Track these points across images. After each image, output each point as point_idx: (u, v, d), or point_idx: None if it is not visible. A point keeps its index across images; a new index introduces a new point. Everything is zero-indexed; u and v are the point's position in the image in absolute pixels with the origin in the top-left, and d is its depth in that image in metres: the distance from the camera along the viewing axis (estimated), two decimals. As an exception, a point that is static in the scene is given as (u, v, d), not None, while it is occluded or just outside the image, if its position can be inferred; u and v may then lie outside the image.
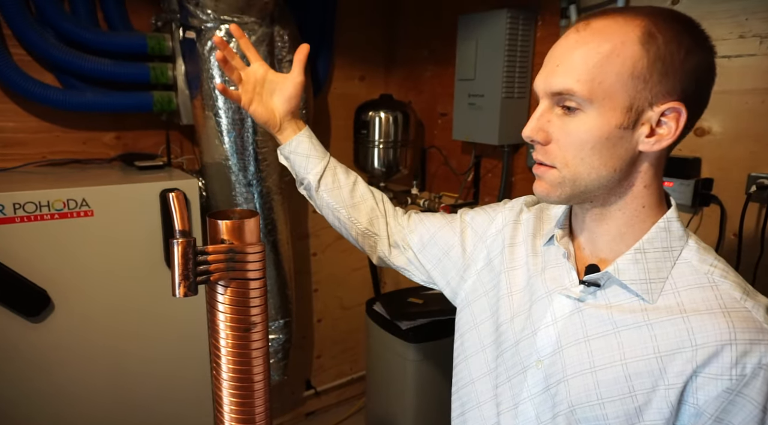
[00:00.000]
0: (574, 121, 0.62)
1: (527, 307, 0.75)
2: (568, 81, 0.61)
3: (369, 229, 0.96)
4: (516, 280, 0.79)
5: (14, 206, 1.34)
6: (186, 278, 0.68)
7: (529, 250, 0.79)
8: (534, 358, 0.71)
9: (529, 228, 0.81)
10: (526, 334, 0.73)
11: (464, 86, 1.84)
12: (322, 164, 0.95)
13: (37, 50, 1.62)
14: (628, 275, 0.64)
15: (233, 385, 0.76)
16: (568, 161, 0.63)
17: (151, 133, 1.93)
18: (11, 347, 1.39)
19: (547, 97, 0.64)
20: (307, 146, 0.95)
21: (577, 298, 0.69)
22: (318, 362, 2.57)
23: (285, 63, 1.82)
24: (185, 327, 1.64)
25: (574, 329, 0.68)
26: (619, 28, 0.60)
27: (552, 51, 0.65)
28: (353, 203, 0.96)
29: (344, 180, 0.96)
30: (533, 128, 0.65)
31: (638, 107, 0.60)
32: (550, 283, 0.73)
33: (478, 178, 2.04)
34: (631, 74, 0.59)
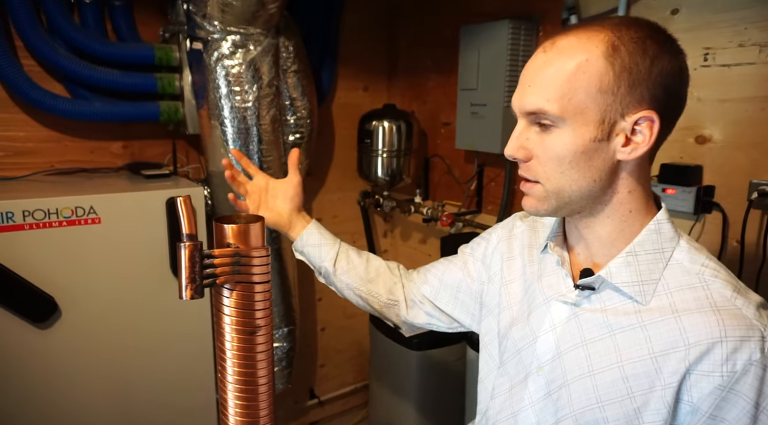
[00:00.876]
0: (550, 137, 0.64)
1: (526, 315, 0.76)
2: (539, 101, 0.63)
3: (390, 298, 0.99)
4: (514, 291, 0.81)
5: (23, 214, 1.36)
6: (193, 281, 0.69)
7: (526, 260, 0.81)
8: (535, 365, 0.72)
9: (524, 240, 0.83)
10: (527, 342, 0.74)
11: (467, 96, 1.86)
12: (335, 249, 0.99)
13: (48, 61, 1.65)
14: (621, 278, 0.65)
15: (238, 388, 0.76)
16: (549, 176, 0.65)
17: (158, 142, 1.95)
18: (18, 352, 1.40)
19: (523, 116, 0.66)
20: (317, 236, 1.00)
21: (573, 303, 0.70)
22: (322, 371, 2.57)
23: (290, 73, 1.84)
24: (190, 334, 1.65)
25: (571, 334, 0.69)
26: (582, 44, 0.62)
27: (524, 71, 0.67)
28: (370, 279, 0.99)
29: (357, 259, 1.00)
30: (513, 147, 0.67)
31: (610, 119, 0.62)
32: (548, 290, 0.74)
33: (481, 186, 2.05)
34: (599, 89, 0.61)
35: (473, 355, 1.54)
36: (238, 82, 1.60)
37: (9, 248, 1.35)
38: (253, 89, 1.62)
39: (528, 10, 1.76)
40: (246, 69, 1.59)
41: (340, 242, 1.02)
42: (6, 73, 1.59)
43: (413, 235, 2.47)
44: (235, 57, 1.58)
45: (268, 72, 1.64)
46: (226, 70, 1.59)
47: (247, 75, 1.60)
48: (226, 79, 1.59)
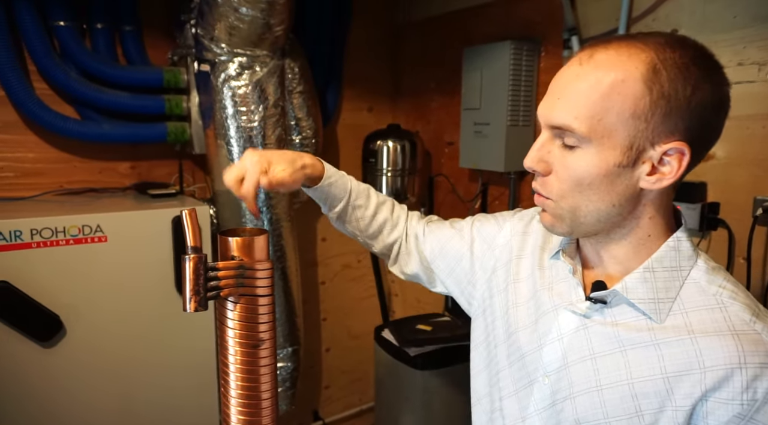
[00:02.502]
0: (572, 156, 0.62)
1: (533, 320, 0.75)
2: (567, 117, 0.60)
3: (388, 250, 0.97)
4: (521, 292, 0.79)
5: (31, 232, 1.37)
6: (197, 294, 0.69)
7: (536, 263, 0.79)
8: (541, 373, 0.71)
9: (538, 240, 0.81)
10: (532, 348, 0.73)
11: (470, 115, 1.88)
12: (340, 205, 0.91)
13: (59, 84, 1.69)
14: (637, 294, 0.64)
15: (241, 402, 0.76)
16: (564, 194, 0.63)
17: (165, 162, 1.98)
18: (22, 370, 1.40)
19: (548, 128, 0.64)
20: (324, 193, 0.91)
21: (583, 314, 0.69)
22: (326, 392, 2.54)
23: (295, 94, 1.88)
24: (194, 353, 1.64)
25: (579, 345, 0.68)
26: (622, 63, 0.58)
27: (555, 81, 0.64)
28: (372, 235, 0.95)
29: (363, 212, 0.93)
30: (534, 158, 0.65)
31: (639, 146, 0.59)
32: (557, 298, 0.73)
33: (485, 205, 2.06)
34: (632, 113, 0.58)
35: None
36: (244, 102, 1.63)
37: (16, 267, 1.36)
38: (259, 109, 1.64)
39: (529, 31, 1.79)
40: (252, 90, 1.63)
41: (350, 193, 0.91)
42: (19, 97, 1.63)
43: (418, 254, 2.46)
44: (241, 78, 1.61)
45: (273, 93, 1.67)
46: (233, 91, 1.62)
47: (253, 96, 1.63)
48: (232, 100, 1.62)
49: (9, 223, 1.34)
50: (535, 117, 1.81)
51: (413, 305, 2.51)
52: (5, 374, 1.39)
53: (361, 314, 2.55)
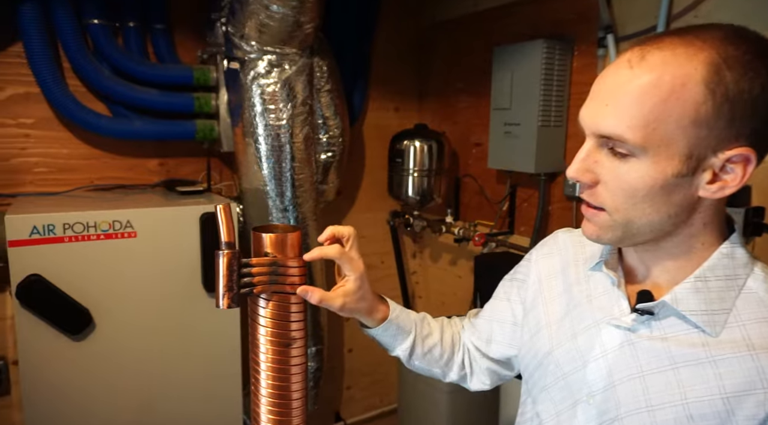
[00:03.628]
0: (624, 166, 0.57)
1: (570, 337, 0.71)
2: (619, 126, 0.55)
3: (460, 374, 0.92)
4: (554, 310, 0.76)
5: (64, 227, 1.39)
6: (230, 290, 0.68)
7: (570, 278, 0.76)
8: (585, 392, 0.67)
9: (568, 256, 0.78)
10: (575, 366, 0.69)
11: (500, 115, 1.85)
12: (410, 339, 0.85)
13: (92, 82, 1.71)
14: (688, 306, 0.59)
15: (272, 401, 0.75)
16: (618, 206, 0.59)
17: (193, 160, 1.99)
18: (53, 362, 1.42)
19: (594, 136, 0.60)
20: (395, 327, 0.85)
21: (628, 328, 0.64)
22: (348, 393, 2.52)
23: (323, 92, 1.87)
24: (219, 349, 1.64)
25: (626, 362, 0.63)
26: (680, 65, 0.53)
27: (600, 84, 0.59)
28: (444, 363, 0.90)
29: (431, 342, 0.88)
30: (579, 169, 0.61)
31: (699, 154, 0.55)
32: (598, 312, 0.69)
33: (513, 207, 2.02)
34: (692, 120, 0.53)
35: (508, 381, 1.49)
36: (272, 100, 1.63)
37: (48, 260, 1.38)
38: (287, 108, 1.64)
39: (561, 30, 1.75)
40: (281, 88, 1.62)
41: (415, 324, 0.87)
42: (54, 94, 1.65)
43: (443, 256, 2.43)
44: (270, 76, 1.61)
45: (302, 91, 1.66)
46: (262, 89, 1.62)
47: (282, 94, 1.63)
48: (261, 98, 1.62)
49: (42, 217, 1.36)
50: (567, 118, 1.78)
51: (437, 307, 2.48)
52: (37, 365, 1.41)
53: (383, 316, 2.53)
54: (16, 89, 1.69)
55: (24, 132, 1.72)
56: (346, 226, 0.79)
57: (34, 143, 1.74)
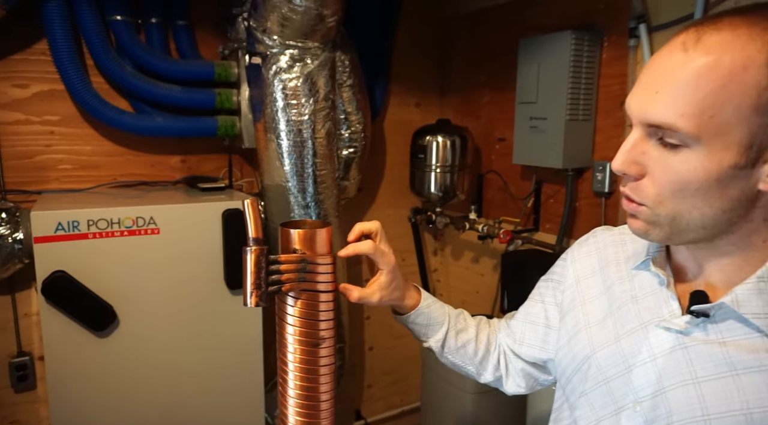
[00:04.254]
0: (676, 158, 0.53)
1: (613, 340, 0.67)
2: (670, 115, 0.52)
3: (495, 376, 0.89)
4: (593, 311, 0.72)
5: (88, 223, 1.39)
6: (258, 288, 0.66)
7: (611, 277, 0.72)
8: (630, 399, 0.63)
9: (608, 255, 0.74)
10: (618, 371, 0.65)
11: (525, 109, 1.80)
12: (443, 329, 0.85)
13: (115, 78, 1.71)
14: (751, 308, 0.55)
15: (300, 403, 0.73)
16: (663, 200, 0.55)
17: (214, 157, 1.99)
18: (77, 359, 1.42)
19: (642, 126, 0.56)
20: (426, 315, 0.84)
21: (680, 331, 0.60)
22: (368, 392, 2.50)
23: (345, 87, 1.84)
24: (242, 345, 1.63)
25: (678, 368, 0.59)
26: (741, 47, 0.50)
27: (651, 69, 0.55)
28: (478, 361, 0.87)
29: (465, 337, 0.87)
30: (625, 161, 0.57)
31: (761, 143, 0.51)
32: (645, 313, 0.65)
33: (538, 204, 1.97)
34: (754, 107, 0.49)
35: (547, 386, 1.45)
36: (294, 95, 1.61)
37: (73, 257, 1.38)
38: (309, 103, 1.62)
39: (589, 20, 1.70)
40: (303, 82, 1.60)
41: (449, 315, 0.87)
42: (78, 92, 1.66)
43: (465, 253, 2.40)
44: (292, 71, 1.59)
45: (324, 86, 1.64)
46: (284, 84, 1.60)
47: (304, 88, 1.61)
48: (283, 93, 1.60)
49: (67, 213, 1.37)
50: (596, 112, 1.72)
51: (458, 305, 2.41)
52: (62, 361, 1.41)
53: (404, 314, 2.50)
54: (41, 87, 1.70)
55: (49, 129, 1.73)
56: (372, 221, 0.79)
57: (58, 140, 1.75)
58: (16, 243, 1.51)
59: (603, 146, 1.71)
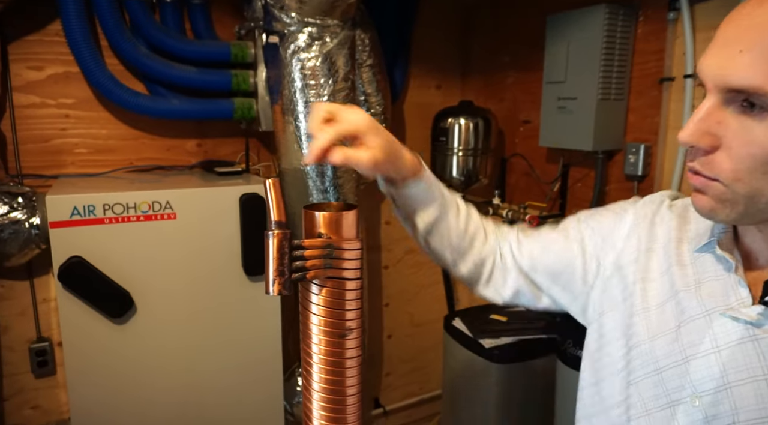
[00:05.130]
0: (760, 126, 0.48)
1: (673, 327, 0.61)
2: (757, 76, 0.46)
3: (475, 271, 0.80)
4: (653, 293, 0.65)
5: (104, 208, 1.36)
6: (281, 275, 0.61)
7: (672, 257, 0.65)
8: (687, 392, 0.58)
9: (670, 230, 0.67)
10: (674, 361, 0.60)
11: (553, 89, 1.72)
12: (433, 214, 0.75)
13: (130, 60, 1.67)
14: None
15: (325, 397, 0.68)
16: (741, 176, 0.49)
17: (230, 141, 1.94)
18: (95, 344, 1.41)
19: (720, 91, 0.50)
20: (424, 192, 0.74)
21: (751, 322, 0.54)
22: (387, 380, 2.47)
23: (365, 67, 1.78)
24: (261, 334, 1.60)
25: (746, 361, 0.54)
26: None
27: (732, 25, 0.49)
28: (462, 251, 0.78)
29: (455, 227, 0.76)
30: (696, 132, 0.51)
31: None
32: (708, 300, 0.59)
33: (565, 188, 1.89)
34: None
35: (565, 370, 1.39)
36: (313, 75, 1.55)
37: (89, 242, 1.35)
38: (328, 83, 1.56)
39: (624, -6, 1.61)
40: (322, 62, 1.54)
41: (444, 196, 0.76)
42: (93, 73, 1.62)
43: (486, 240, 2.33)
44: (311, 50, 1.53)
45: (344, 65, 1.58)
46: (302, 64, 1.54)
47: (323, 68, 1.55)
48: (301, 73, 1.55)
49: (83, 198, 1.34)
50: (629, 91, 1.63)
51: (479, 293, 2.38)
52: (80, 347, 1.40)
53: (423, 302, 2.46)
54: (55, 69, 1.67)
55: (64, 112, 1.70)
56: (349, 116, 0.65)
57: (74, 124, 1.72)
58: (33, 228, 1.49)
59: (636, 127, 1.63)
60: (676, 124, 1.50)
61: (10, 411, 1.74)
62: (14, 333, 1.71)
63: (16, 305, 1.70)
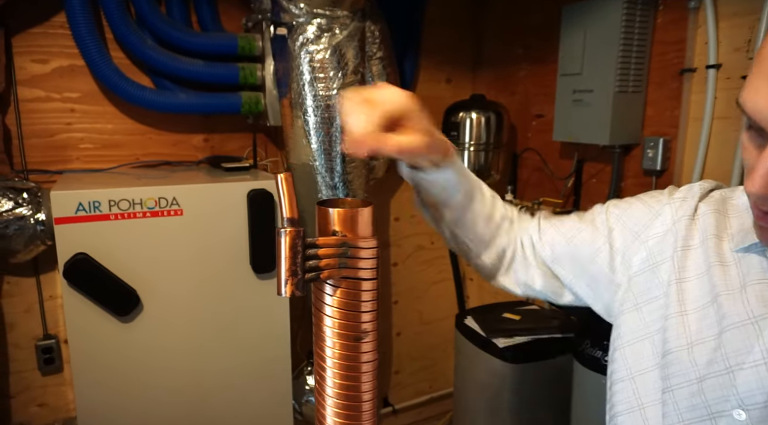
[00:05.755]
0: None
1: (714, 334, 0.56)
2: None
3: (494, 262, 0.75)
4: (690, 295, 0.60)
5: (110, 203, 1.33)
6: (294, 275, 0.58)
7: (712, 257, 0.60)
8: (732, 404, 0.53)
9: (709, 227, 0.61)
10: (716, 370, 0.55)
11: (568, 82, 1.68)
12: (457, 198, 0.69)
13: (135, 53, 1.64)
14: None
15: (339, 403, 0.65)
16: None
17: (237, 136, 1.91)
18: (101, 342, 1.38)
19: None
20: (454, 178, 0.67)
21: None
22: (396, 378, 2.45)
23: (374, 60, 1.74)
24: (269, 332, 1.58)
25: None
26: None
27: None
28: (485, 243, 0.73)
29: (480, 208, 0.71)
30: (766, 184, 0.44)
31: None
32: (756, 305, 0.54)
33: (579, 184, 1.85)
34: None
35: (583, 371, 1.35)
36: (322, 68, 1.51)
37: (95, 238, 1.33)
38: (337, 76, 1.52)
39: (642, -17, 1.55)
40: (331, 54, 1.50)
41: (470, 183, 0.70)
42: (99, 67, 1.59)
43: (497, 237, 2.29)
44: (320, 42, 1.49)
45: (353, 58, 1.54)
46: (311, 56, 1.50)
47: (332, 61, 1.51)
48: (310, 66, 1.51)
49: (88, 193, 1.31)
50: (647, 83, 1.58)
51: (489, 291, 2.35)
52: (86, 345, 1.37)
53: (433, 299, 2.43)
54: (60, 62, 1.64)
55: (69, 107, 1.68)
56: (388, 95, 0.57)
57: (79, 118, 1.69)
58: (38, 224, 1.47)
59: (655, 120, 1.58)
60: (696, 116, 1.45)
61: (17, 409, 1.72)
62: (20, 330, 1.69)
63: (22, 302, 1.69)
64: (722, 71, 1.38)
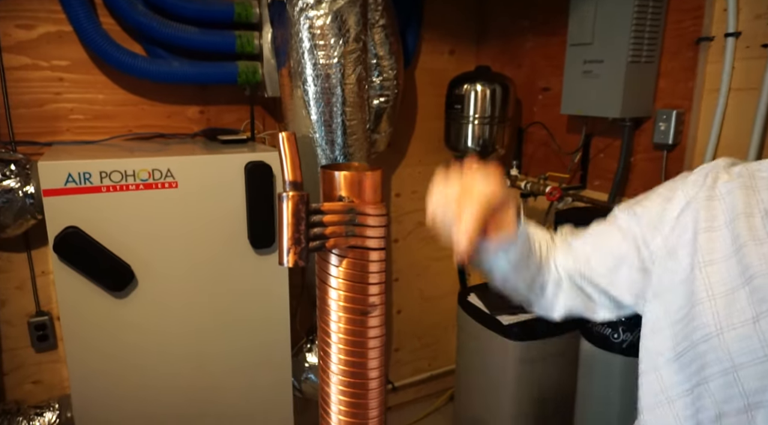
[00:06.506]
0: None
1: (750, 319, 0.52)
2: None
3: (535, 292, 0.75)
4: (717, 278, 0.56)
5: (101, 175, 1.28)
6: (297, 243, 0.53)
7: (743, 235, 0.55)
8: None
9: (736, 204, 0.57)
10: (753, 359, 0.52)
11: (578, 52, 1.61)
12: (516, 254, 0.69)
13: (126, 18, 1.57)
14: None
15: (345, 380, 0.61)
16: None
17: (234, 108, 1.85)
18: (94, 319, 1.34)
19: None
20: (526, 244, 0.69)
21: None
22: (396, 355, 2.43)
23: (377, 28, 1.67)
24: (267, 309, 1.54)
25: None
26: None
27: None
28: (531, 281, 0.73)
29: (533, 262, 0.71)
30: None
31: None
32: None
33: (586, 159, 1.80)
34: None
35: (590, 348, 1.32)
36: (322, 35, 1.44)
37: (86, 211, 1.28)
38: (338, 44, 1.46)
39: (658, -53, 1.48)
40: (332, 21, 1.43)
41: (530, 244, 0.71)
42: (88, 33, 1.52)
43: (500, 214, 2.25)
44: (320, 7, 1.42)
45: (355, 25, 1.47)
46: (310, 22, 1.43)
47: (333, 27, 1.44)
48: (309, 32, 1.44)
49: (77, 164, 1.25)
50: (660, 53, 1.52)
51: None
52: (78, 321, 1.33)
53: (434, 276, 2.39)
54: (47, 28, 1.56)
55: (58, 75, 1.61)
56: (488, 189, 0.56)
57: (68, 88, 1.62)
58: (27, 197, 1.42)
59: (668, 92, 1.52)
60: (712, 87, 1.39)
61: (11, 386, 1.69)
62: (13, 306, 1.65)
63: (13, 278, 1.64)
64: (741, 40, 1.32)
